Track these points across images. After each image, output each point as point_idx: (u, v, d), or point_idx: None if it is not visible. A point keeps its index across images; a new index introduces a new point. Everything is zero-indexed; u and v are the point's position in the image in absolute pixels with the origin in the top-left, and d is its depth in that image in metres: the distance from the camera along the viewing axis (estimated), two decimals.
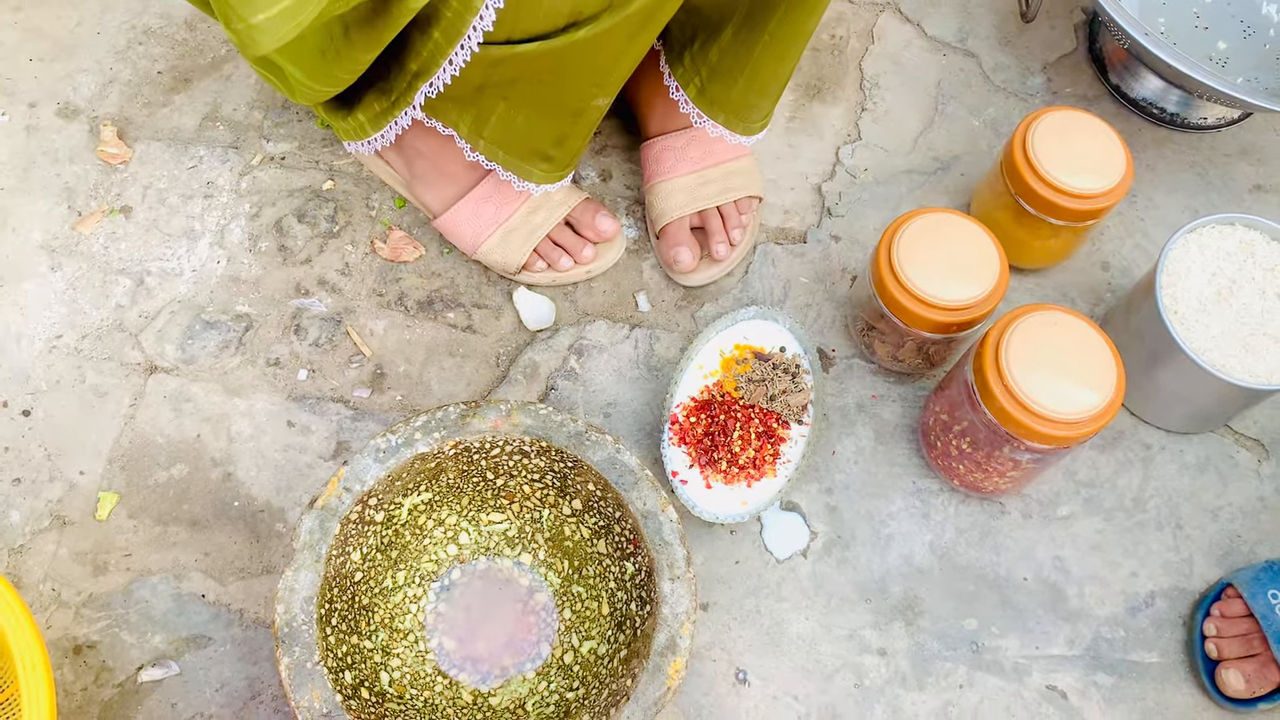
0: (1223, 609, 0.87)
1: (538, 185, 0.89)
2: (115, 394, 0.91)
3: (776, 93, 0.92)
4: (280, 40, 0.57)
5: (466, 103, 0.81)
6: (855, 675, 0.86)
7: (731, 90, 0.90)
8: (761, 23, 0.83)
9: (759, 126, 0.94)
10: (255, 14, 0.56)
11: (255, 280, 0.96)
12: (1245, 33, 1.09)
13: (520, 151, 0.85)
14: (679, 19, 0.89)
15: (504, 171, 0.87)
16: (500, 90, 0.77)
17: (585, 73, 0.74)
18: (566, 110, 0.80)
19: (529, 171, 0.88)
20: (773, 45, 0.85)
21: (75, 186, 0.99)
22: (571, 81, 0.75)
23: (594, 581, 0.82)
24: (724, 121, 0.93)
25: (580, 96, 0.78)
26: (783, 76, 0.89)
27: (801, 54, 0.88)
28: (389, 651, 0.80)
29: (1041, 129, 0.91)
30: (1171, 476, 0.94)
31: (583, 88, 0.77)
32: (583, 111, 0.80)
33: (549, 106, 0.79)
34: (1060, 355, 0.79)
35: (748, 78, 0.88)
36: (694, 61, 0.90)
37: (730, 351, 0.92)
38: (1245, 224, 0.90)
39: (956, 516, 0.91)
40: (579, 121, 0.82)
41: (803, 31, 0.84)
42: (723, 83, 0.90)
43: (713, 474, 0.87)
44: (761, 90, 0.90)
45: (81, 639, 0.83)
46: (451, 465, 0.80)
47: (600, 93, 0.78)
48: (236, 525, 0.88)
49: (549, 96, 0.77)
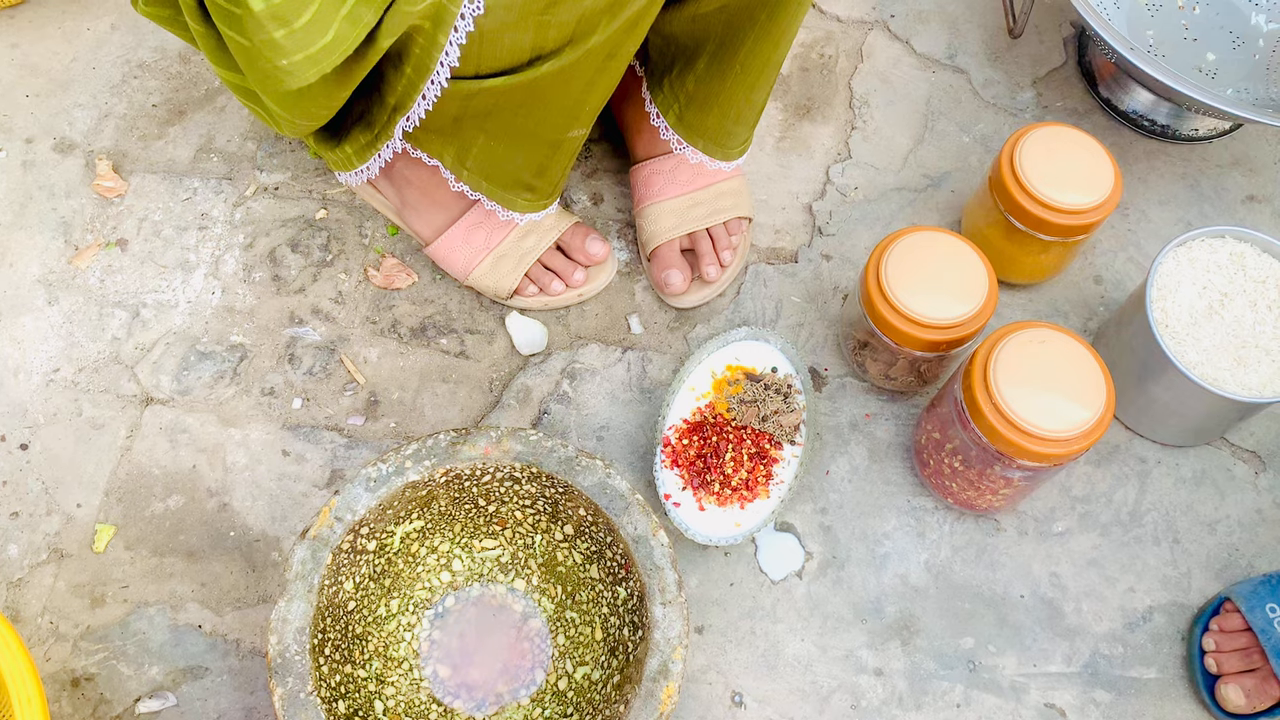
0: (1221, 624, 0.86)
1: (522, 214, 0.90)
2: (112, 426, 0.92)
3: (752, 120, 0.93)
4: (305, 81, 0.60)
5: (448, 135, 0.82)
6: (852, 696, 0.86)
7: (708, 118, 0.91)
8: (732, 53, 0.84)
9: (738, 152, 0.95)
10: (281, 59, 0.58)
11: (250, 310, 0.97)
12: (1235, 44, 1.09)
13: (503, 181, 0.86)
14: (658, 47, 0.90)
15: (488, 201, 0.88)
16: (478, 122, 0.78)
17: (557, 105, 0.75)
18: (543, 141, 0.81)
19: (512, 201, 0.88)
20: (744, 75, 0.86)
21: (71, 220, 1.00)
22: (545, 113, 0.76)
23: (587, 607, 0.82)
24: (703, 148, 0.94)
25: (555, 128, 0.79)
26: (757, 104, 0.91)
27: (773, 83, 0.89)
28: (383, 680, 0.80)
29: (1029, 145, 0.91)
30: (1168, 490, 0.94)
31: (557, 119, 0.77)
32: (560, 143, 0.81)
33: (526, 138, 0.80)
34: (1049, 372, 0.79)
35: (722, 106, 0.89)
36: (673, 89, 0.91)
37: (722, 373, 0.92)
38: (1235, 236, 0.90)
39: (952, 534, 0.91)
40: (557, 152, 0.83)
41: (771, 61, 0.85)
42: (700, 110, 0.91)
43: (706, 496, 0.87)
44: (736, 118, 0.91)
45: (79, 671, 0.84)
46: (443, 493, 0.81)
47: (575, 124, 0.79)
48: (232, 555, 0.88)
49: (525, 128, 0.78)
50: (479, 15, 0.63)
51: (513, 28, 0.65)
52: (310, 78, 0.61)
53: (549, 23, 0.64)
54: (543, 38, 0.66)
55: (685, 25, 0.83)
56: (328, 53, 0.60)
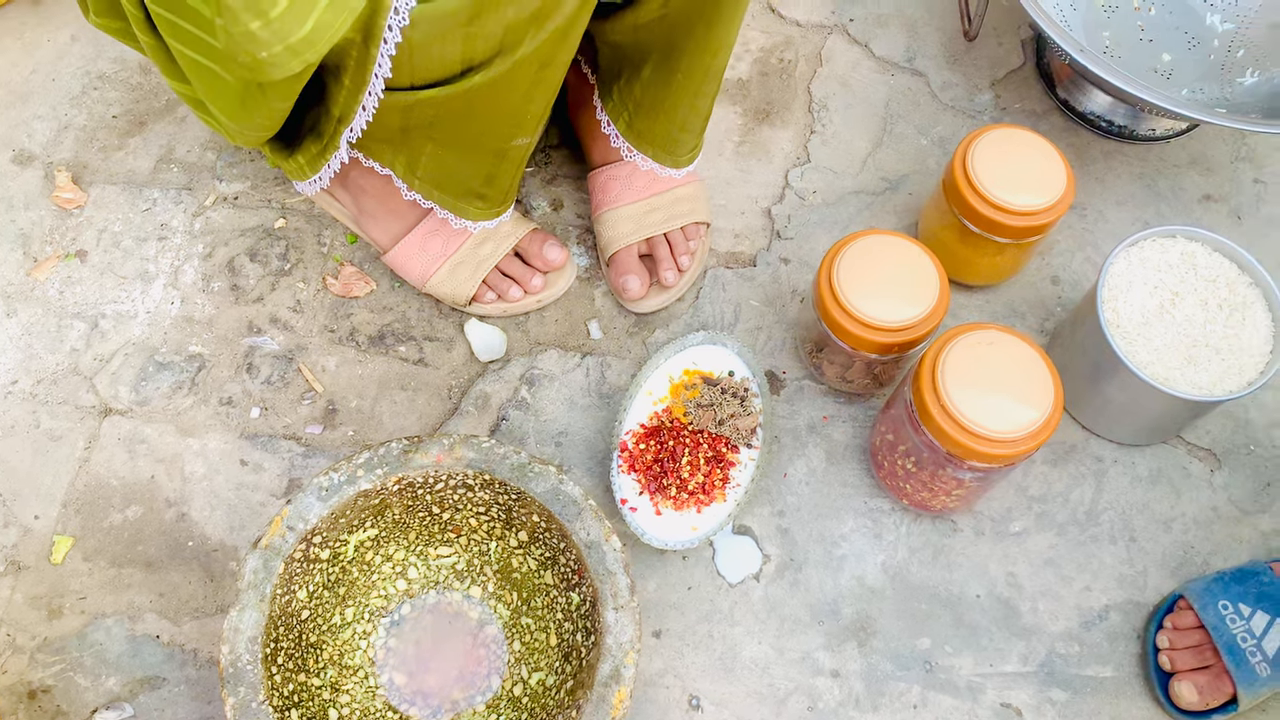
0: (1175, 621, 0.87)
1: (475, 222, 0.90)
2: (70, 437, 0.92)
3: (698, 127, 0.93)
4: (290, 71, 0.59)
5: (397, 144, 0.82)
6: (809, 698, 0.86)
7: (655, 125, 0.92)
8: (674, 61, 0.85)
9: (686, 159, 0.96)
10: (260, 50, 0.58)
11: (208, 320, 0.97)
12: (1190, 44, 1.10)
13: (454, 190, 0.87)
14: (607, 56, 0.91)
15: (441, 210, 0.89)
16: (424, 132, 0.78)
17: (497, 115, 0.75)
18: (488, 151, 0.81)
19: (465, 209, 0.89)
20: (687, 83, 0.87)
21: (30, 232, 1.00)
22: (486, 123, 0.76)
23: (542, 613, 0.83)
24: (652, 155, 0.94)
25: (499, 137, 0.79)
26: (701, 112, 0.91)
27: (716, 91, 0.90)
28: (338, 688, 0.80)
29: (981, 148, 0.91)
30: (1124, 489, 0.94)
31: (499, 129, 0.78)
32: (505, 152, 0.81)
33: (472, 148, 0.81)
34: (997, 373, 0.79)
35: (668, 113, 0.90)
36: (621, 97, 0.92)
37: (679, 377, 0.92)
38: (1186, 236, 0.91)
39: (909, 536, 0.92)
40: (504, 161, 0.83)
41: (711, 70, 0.86)
42: (648, 118, 0.91)
43: (662, 500, 0.88)
44: (682, 125, 0.92)
45: (36, 683, 0.84)
46: (396, 501, 0.81)
47: (519, 133, 0.79)
48: (190, 565, 0.88)
49: (469, 138, 0.79)
50: (405, 27, 0.63)
51: (440, 40, 0.65)
52: (294, 68, 0.61)
53: (475, 34, 0.65)
54: (471, 49, 0.66)
55: (629, 35, 0.84)
56: (308, 44, 0.59)
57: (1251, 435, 0.97)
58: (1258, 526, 0.93)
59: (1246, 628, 0.84)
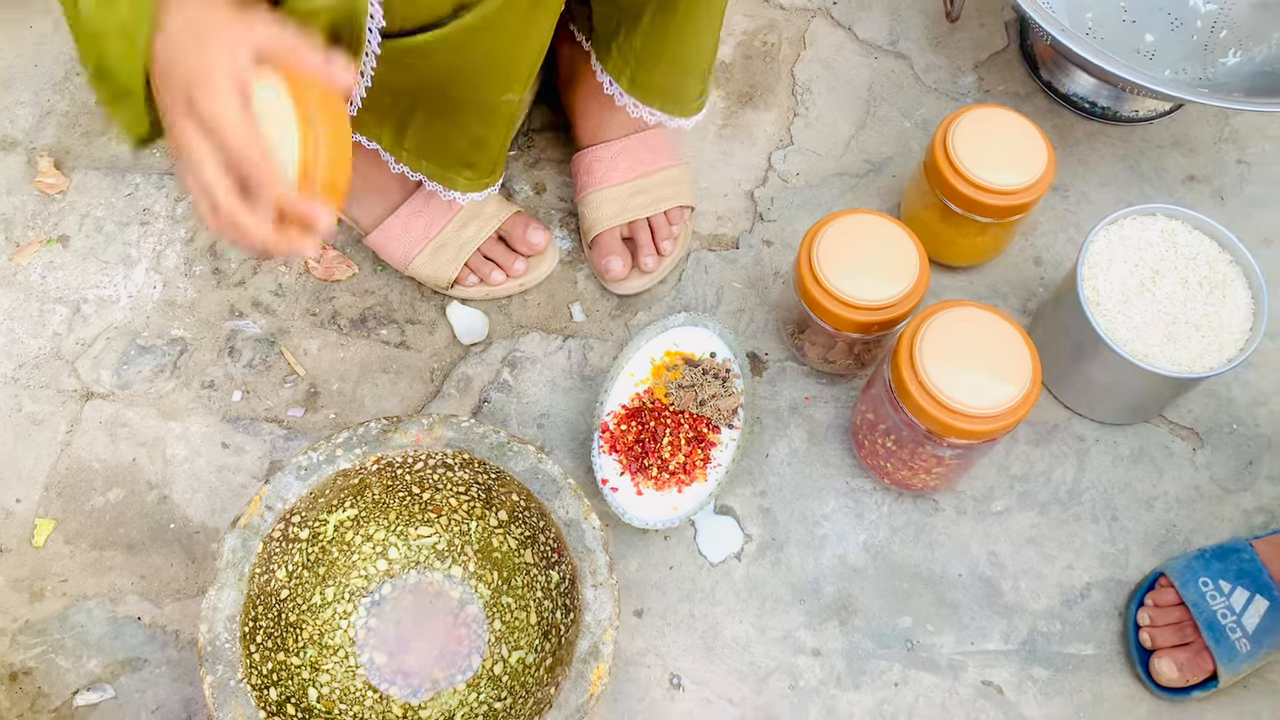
0: (1156, 598, 0.87)
1: (464, 194, 0.90)
2: (52, 421, 0.92)
3: (703, 70, 0.92)
4: None
5: (384, 112, 0.82)
6: (790, 677, 0.86)
7: (659, 74, 0.91)
8: (673, 2, 0.84)
9: (695, 107, 0.95)
10: None
11: (190, 304, 0.97)
12: (1173, 24, 1.09)
13: (442, 159, 0.86)
14: (602, 14, 0.90)
15: (429, 182, 0.88)
16: (413, 98, 0.78)
17: (488, 64, 0.75)
18: (479, 109, 0.81)
19: (453, 180, 0.88)
20: (688, 23, 0.86)
21: (12, 218, 1.00)
22: (478, 75, 0.76)
23: (522, 591, 0.83)
24: (660, 106, 0.93)
25: (490, 90, 0.79)
26: (706, 51, 0.91)
27: (719, 29, 0.89)
28: (318, 667, 0.80)
29: (961, 128, 0.91)
30: (1106, 468, 0.94)
31: (490, 81, 0.77)
32: (495, 108, 0.81)
33: (462, 107, 0.80)
34: (974, 350, 0.79)
35: (670, 57, 0.89)
36: (620, 52, 0.91)
37: (661, 358, 0.92)
38: (1166, 214, 0.91)
39: (890, 515, 0.92)
40: (493, 120, 0.83)
41: (715, 5, 0.86)
42: (650, 67, 0.90)
43: (643, 480, 0.88)
44: (686, 69, 0.91)
45: (18, 665, 0.84)
46: (375, 481, 0.81)
47: (509, 87, 0.79)
48: (172, 547, 0.88)
49: (460, 95, 0.78)
50: None
51: None
52: None
53: None
54: None
55: None
56: None
57: (1234, 414, 0.97)
58: (1239, 505, 0.93)
59: (1227, 604, 0.84)
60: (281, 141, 0.58)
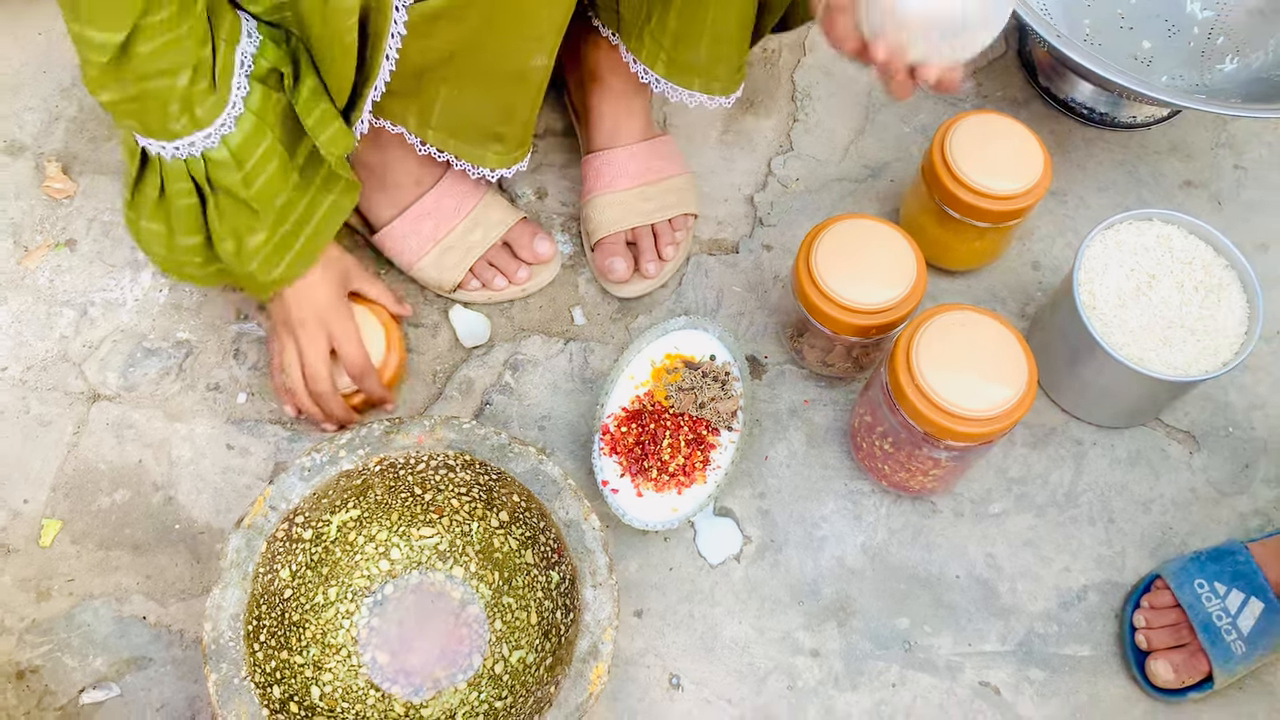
0: (1152, 600, 0.88)
1: (493, 170, 0.89)
2: (59, 423, 0.93)
3: (741, 40, 0.90)
4: None
5: (410, 94, 0.81)
6: (788, 677, 0.87)
7: (698, 50, 0.89)
8: None
9: (739, 79, 0.93)
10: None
11: (196, 307, 0.98)
12: (1170, 31, 1.10)
13: (470, 135, 0.86)
14: (630, 2, 0.89)
15: (458, 161, 0.88)
16: (439, 71, 0.78)
17: (516, 25, 0.75)
18: (507, 76, 0.80)
19: (482, 156, 0.88)
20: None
21: (21, 222, 1.01)
22: (504, 40, 0.76)
23: (523, 592, 0.84)
24: (702, 87, 0.92)
25: (517, 56, 0.78)
26: (745, 19, 0.88)
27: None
28: (321, 666, 0.81)
29: (959, 133, 0.92)
30: (1103, 471, 0.95)
31: (517, 44, 0.77)
32: (524, 74, 0.80)
33: (489, 77, 0.80)
34: (971, 353, 0.80)
35: (710, 30, 0.87)
36: (654, 37, 0.89)
37: (661, 361, 0.93)
38: (1163, 219, 0.92)
39: (888, 517, 0.92)
40: (523, 88, 0.82)
41: None
42: (689, 45, 0.89)
43: (643, 482, 0.89)
44: (727, 40, 0.89)
45: (24, 664, 0.85)
46: (378, 481, 0.82)
47: (537, 48, 0.78)
48: (177, 548, 0.89)
49: (487, 65, 0.78)
50: None
51: None
52: None
53: None
54: None
55: None
56: None
57: (1230, 418, 0.97)
58: (1235, 508, 0.94)
59: (1222, 606, 0.85)
60: (371, 350, 0.91)
